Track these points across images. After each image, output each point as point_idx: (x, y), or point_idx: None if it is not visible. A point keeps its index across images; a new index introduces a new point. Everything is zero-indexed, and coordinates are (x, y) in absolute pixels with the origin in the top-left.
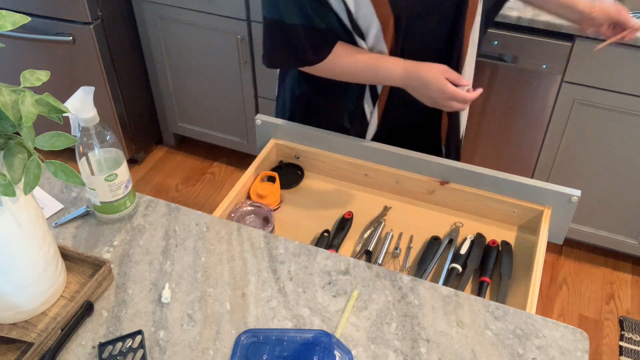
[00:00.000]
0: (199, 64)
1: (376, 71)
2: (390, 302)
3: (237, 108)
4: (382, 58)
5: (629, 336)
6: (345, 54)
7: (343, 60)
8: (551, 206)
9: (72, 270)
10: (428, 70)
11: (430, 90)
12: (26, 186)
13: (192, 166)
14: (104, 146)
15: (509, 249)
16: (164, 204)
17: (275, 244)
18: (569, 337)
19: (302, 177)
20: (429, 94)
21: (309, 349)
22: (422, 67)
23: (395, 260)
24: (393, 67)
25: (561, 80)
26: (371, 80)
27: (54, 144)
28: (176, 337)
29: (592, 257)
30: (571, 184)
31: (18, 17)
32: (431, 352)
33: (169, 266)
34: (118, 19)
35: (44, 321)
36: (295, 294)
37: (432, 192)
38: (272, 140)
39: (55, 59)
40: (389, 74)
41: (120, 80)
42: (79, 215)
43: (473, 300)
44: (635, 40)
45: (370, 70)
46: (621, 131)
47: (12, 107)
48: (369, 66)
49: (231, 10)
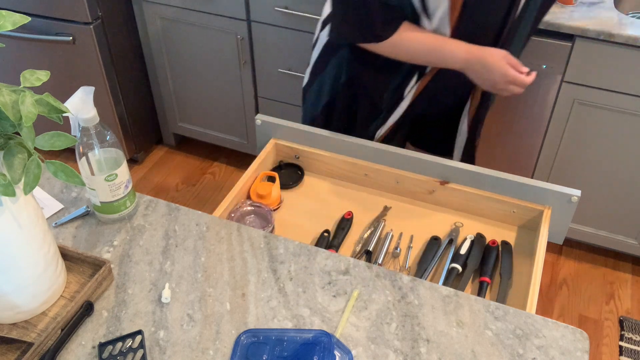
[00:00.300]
0: (199, 64)
1: (440, 52)
2: (390, 302)
3: (237, 108)
4: (446, 40)
5: (629, 336)
6: (410, 34)
7: (408, 40)
8: (551, 206)
9: (72, 270)
10: (491, 55)
11: (493, 74)
12: (26, 186)
13: (192, 166)
14: (104, 146)
15: (509, 249)
16: (164, 204)
17: (275, 244)
18: (569, 337)
19: (302, 177)
20: (491, 78)
21: (309, 349)
22: (485, 52)
23: (395, 260)
24: (457, 50)
25: (561, 80)
26: (433, 61)
27: (54, 144)
28: (176, 337)
29: (592, 257)
30: (571, 184)
31: (18, 17)
32: (431, 352)
33: (169, 266)
34: (118, 19)
35: (44, 321)
36: (295, 294)
37: (432, 192)
38: (272, 140)
39: (55, 59)
40: (452, 57)
41: (120, 80)
42: (79, 215)
43: (473, 300)
44: (635, 40)
45: (435, 51)
46: (621, 131)
47: (12, 107)
48: (433, 47)
49: (231, 10)
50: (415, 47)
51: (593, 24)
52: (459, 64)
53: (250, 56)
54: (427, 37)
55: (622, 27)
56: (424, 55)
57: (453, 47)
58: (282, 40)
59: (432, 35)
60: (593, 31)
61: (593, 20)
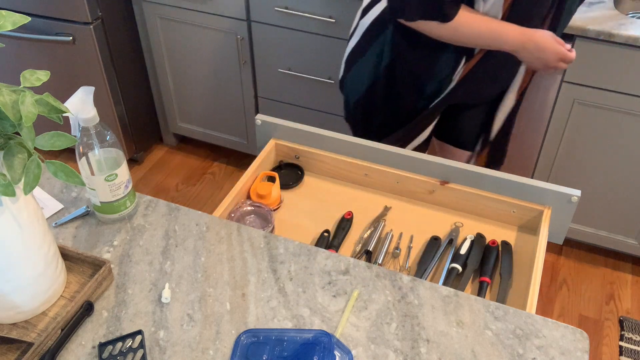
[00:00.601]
0: (199, 64)
1: (496, 34)
2: (390, 302)
3: (237, 108)
4: (500, 22)
5: (629, 336)
6: (468, 16)
7: (466, 22)
8: (551, 206)
9: (72, 270)
10: (544, 35)
11: (546, 53)
12: (26, 186)
13: (192, 166)
14: (104, 146)
15: (509, 249)
16: (164, 204)
17: (275, 244)
18: (569, 337)
19: (302, 177)
20: (544, 56)
21: (309, 349)
22: (536, 33)
23: (395, 260)
24: (512, 32)
25: (561, 80)
26: (489, 42)
27: (54, 144)
28: (176, 337)
29: (592, 257)
30: (571, 184)
31: (18, 17)
32: (431, 352)
33: (169, 266)
34: (118, 19)
35: (44, 321)
36: (295, 294)
37: (432, 192)
38: (272, 140)
39: (55, 59)
40: (508, 38)
41: (120, 80)
42: (79, 215)
43: (473, 300)
44: (635, 40)
45: (491, 33)
46: (621, 131)
47: (12, 107)
48: (489, 29)
49: (231, 10)
50: (473, 29)
51: (593, 24)
52: (513, 46)
53: (250, 56)
54: (483, 19)
55: (622, 27)
56: (481, 38)
57: (509, 29)
58: (282, 40)
59: (487, 18)
60: (593, 31)
61: (593, 20)
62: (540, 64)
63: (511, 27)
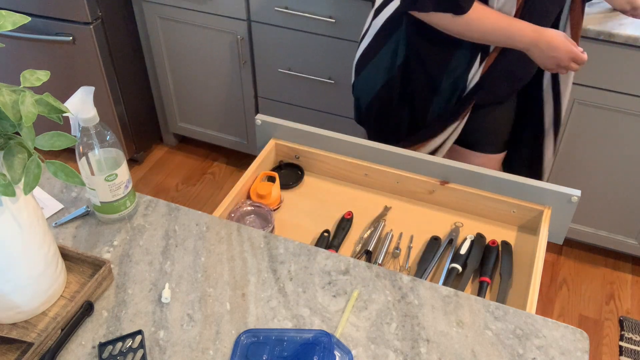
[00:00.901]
0: (199, 64)
1: (509, 31)
2: (390, 302)
3: (237, 108)
4: (513, 19)
5: (629, 336)
6: (481, 11)
7: (479, 18)
8: (551, 206)
9: (72, 270)
10: (556, 35)
11: (558, 52)
12: (26, 186)
13: (192, 166)
14: (104, 146)
15: (509, 249)
16: (164, 204)
17: (275, 244)
18: (569, 337)
19: (302, 177)
20: (556, 55)
21: (309, 349)
22: (549, 32)
23: (395, 260)
24: (525, 29)
25: None
26: (501, 40)
27: (54, 144)
28: (176, 337)
29: (592, 257)
30: (571, 184)
31: (18, 17)
32: (431, 352)
33: (169, 266)
34: (118, 19)
35: (44, 321)
36: (295, 294)
37: (432, 192)
38: (272, 140)
39: (55, 59)
40: (519, 36)
41: (120, 80)
42: (79, 215)
43: (473, 300)
44: (635, 40)
45: (504, 29)
46: (621, 131)
47: (12, 107)
48: (502, 26)
49: (231, 10)
50: (486, 25)
51: (593, 24)
52: (526, 44)
53: (250, 56)
54: (496, 15)
55: (622, 27)
56: (493, 34)
57: (522, 26)
58: (282, 40)
59: (501, 14)
60: (593, 31)
61: (593, 20)
62: (552, 64)
63: (524, 24)
